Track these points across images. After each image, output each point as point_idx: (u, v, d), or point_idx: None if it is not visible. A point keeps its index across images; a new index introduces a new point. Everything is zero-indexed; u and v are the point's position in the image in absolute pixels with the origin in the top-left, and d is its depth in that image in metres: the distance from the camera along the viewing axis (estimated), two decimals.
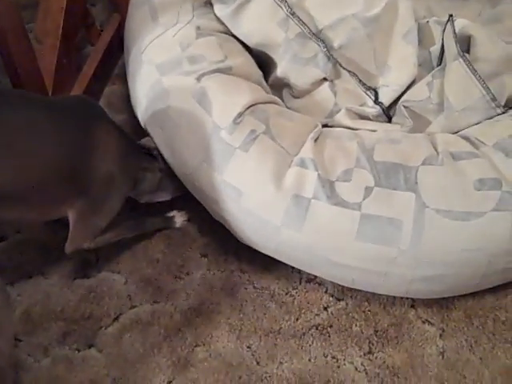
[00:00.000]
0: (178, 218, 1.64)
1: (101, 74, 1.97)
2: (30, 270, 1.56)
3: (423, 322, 1.47)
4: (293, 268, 1.55)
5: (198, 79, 1.50)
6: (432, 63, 1.65)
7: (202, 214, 1.60)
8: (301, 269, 1.51)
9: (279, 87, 1.68)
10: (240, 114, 1.43)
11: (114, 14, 2.09)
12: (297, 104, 1.65)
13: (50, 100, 1.49)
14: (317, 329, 1.47)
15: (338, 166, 1.39)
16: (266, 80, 1.66)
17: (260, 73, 1.64)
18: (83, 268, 1.57)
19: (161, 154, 1.55)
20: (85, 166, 1.36)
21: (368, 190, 1.35)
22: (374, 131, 1.53)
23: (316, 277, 1.55)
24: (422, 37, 1.64)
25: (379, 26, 1.58)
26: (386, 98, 1.60)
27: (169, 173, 1.56)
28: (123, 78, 1.89)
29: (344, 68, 1.59)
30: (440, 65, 1.61)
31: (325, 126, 1.56)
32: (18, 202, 1.31)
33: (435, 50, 1.63)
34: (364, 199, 1.35)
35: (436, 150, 1.42)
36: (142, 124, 1.62)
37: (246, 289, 1.53)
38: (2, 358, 1.21)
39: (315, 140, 1.45)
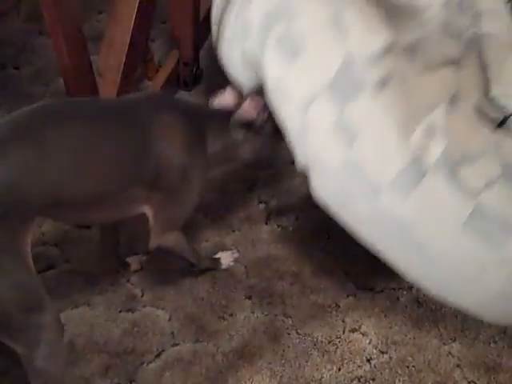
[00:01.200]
0: (225, 260, 1.65)
1: None
2: (77, 300, 1.58)
3: (469, 383, 1.44)
4: (337, 316, 1.54)
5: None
6: None
7: (249, 255, 1.60)
8: (376, 251, 1.35)
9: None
10: (380, 52, 1.30)
11: (173, 50, 2.13)
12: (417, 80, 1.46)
13: (115, 104, 1.47)
14: (359, 381, 1.44)
15: (467, 146, 1.28)
16: None
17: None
18: (128, 301, 1.58)
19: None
20: (151, 163, 1.35)
21: (491, 183, 1.25)
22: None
23: (360, 326, 1.53)
24: None
25: None
26: (504, 106, 1.48)
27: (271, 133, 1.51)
28: None
29: (478, 59, 1.48)
30: None
31: None
32: (98, 205, 1.33)
33: None
34: (484, 190, 1.24)
35: None
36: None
37: (289, 334, 1.52)
38: None
39: (449, 110, 1.33)
